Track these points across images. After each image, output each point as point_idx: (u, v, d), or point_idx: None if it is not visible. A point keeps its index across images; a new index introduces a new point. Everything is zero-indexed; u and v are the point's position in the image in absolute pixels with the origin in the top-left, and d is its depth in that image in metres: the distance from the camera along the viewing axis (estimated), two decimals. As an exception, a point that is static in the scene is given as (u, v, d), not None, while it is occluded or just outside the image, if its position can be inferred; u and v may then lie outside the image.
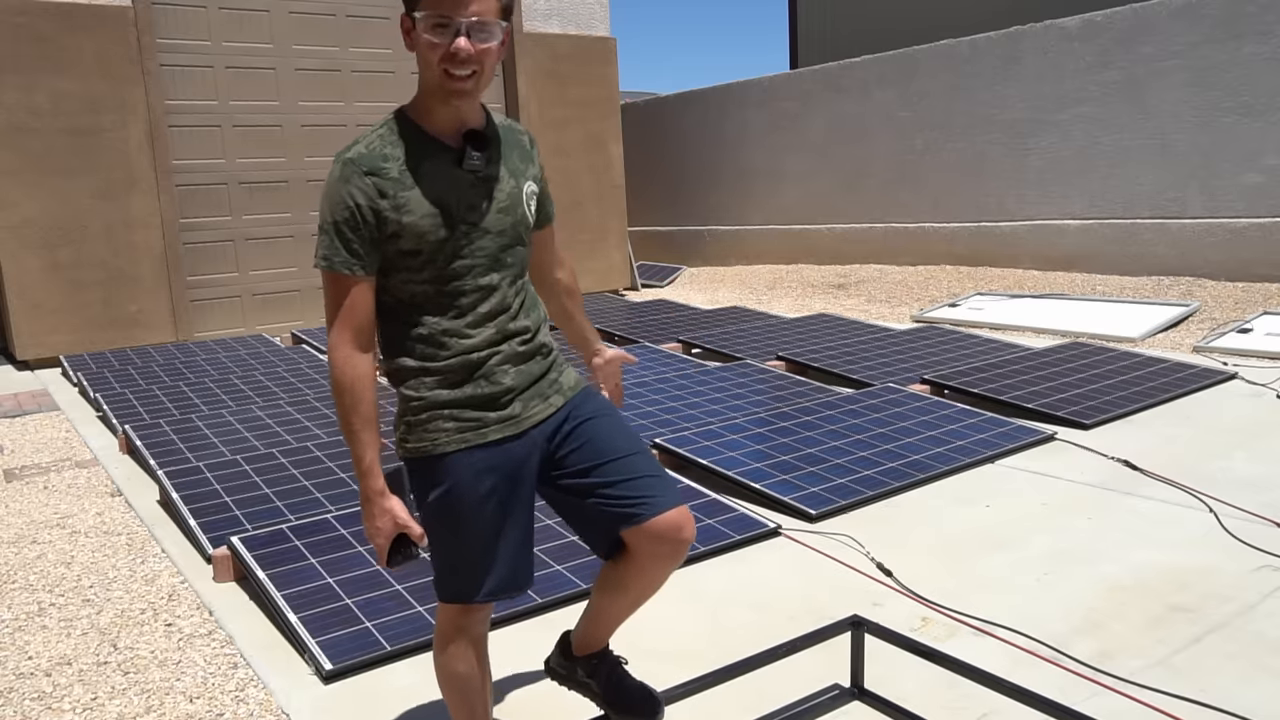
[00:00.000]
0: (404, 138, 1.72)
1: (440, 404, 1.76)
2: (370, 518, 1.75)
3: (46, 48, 7.46)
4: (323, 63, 8.95)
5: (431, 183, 1.71)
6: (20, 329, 7.60)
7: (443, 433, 1.76)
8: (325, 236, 1.69)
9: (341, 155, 1.70)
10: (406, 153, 1.71)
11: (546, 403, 1.86)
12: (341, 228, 1.67)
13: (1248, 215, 8.02)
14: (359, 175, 1.67)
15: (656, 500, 1.84)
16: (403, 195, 1.69)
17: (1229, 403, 5.02)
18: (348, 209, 1.67)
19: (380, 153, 1.70)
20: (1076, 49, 9.04)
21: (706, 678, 2.22)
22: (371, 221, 1.68)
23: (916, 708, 2.31)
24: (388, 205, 1.68)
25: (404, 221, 1.69)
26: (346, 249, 1.68)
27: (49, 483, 4.58)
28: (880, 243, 10.96)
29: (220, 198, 8.53)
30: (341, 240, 1.68)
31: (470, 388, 1.77)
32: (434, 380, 1.77)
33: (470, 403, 1.77)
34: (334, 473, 4.13)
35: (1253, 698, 2.31)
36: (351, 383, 1.71)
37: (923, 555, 3.26)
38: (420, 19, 1.66)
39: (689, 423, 4.87)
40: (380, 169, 1.68)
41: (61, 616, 3.08)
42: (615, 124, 10.83)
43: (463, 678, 1.90)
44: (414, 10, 1.67)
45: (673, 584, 3.10)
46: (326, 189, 1.70)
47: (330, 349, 1.72)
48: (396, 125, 1.74)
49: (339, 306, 1.71)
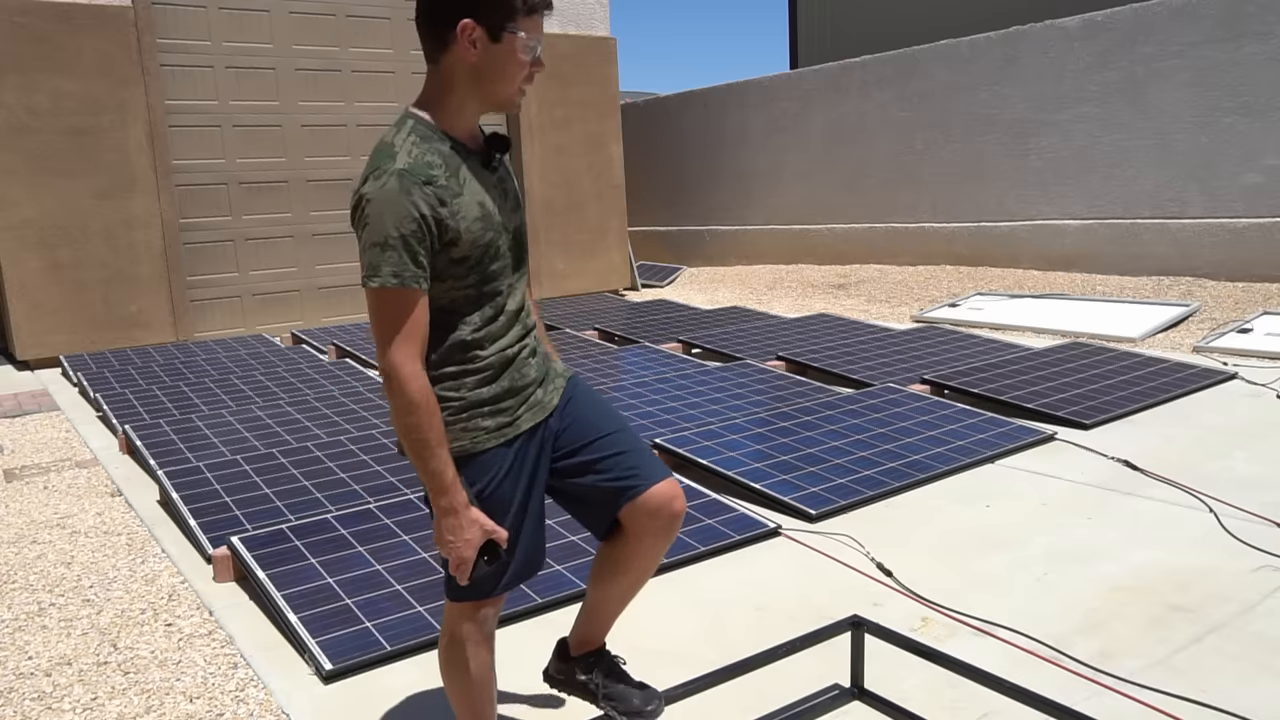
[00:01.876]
0: (438, 144, 1.70)
1: (480, 403, 1.78)
2: (457, 531, 1.71)
3: (46, 48, 7.46)
4: (323, 63, 8.95)
5: (473, 186, 1.72)
6: (20, 329, 7.60)
7: (482, 431, 1.79)
8: (392, 252, 1.60)
9: (389, 168, 1.62)
10: (445, 158, 1.69)
11: (555, 386, 1.94)
12: (410, 240, 1.61)
13: (1248, 215, 8.02)
14: (418, 185, 1.62)
15: (644, 473, 1.90)
16: (457, 202, 1.67)
17: (1229, 403, 5.02)
18: (415, 220, 1.61)
19: (426, 160, 1.66)
20: (1076, 49, 9.04)
21: (706, 678, 2.22)
22: (435, 231, 1.65)
23: (916, 708, 2.31)
24: (447, 213, 1.65)
25: (460, 228, 1.67)
26: (414, 262, 1.62)
27: (49, 483, 4.58)
28: (880, 243, 10.96)
29: (220, 198, 8.53)
30: (409, 254, 1.61)
31: (506, 382, 1.81)
32: (474, 380, 1.78)
33: (506, 397, 1.82)
34: (334, 473, 4.13)
35: (1253, 698, 2.31)
36: (426, 399, 1.66)
37: (923, 555, 3.26)
38: (521, 39, 1.67)
39: (689, 423, 4.87)
40: (433, 177, 1.65)
41: (61, 616, 3.08)
42: (615, 124, 10.83)
43: (474, 677, 1.90)
44: (509, 26, 1.65)
45: (673, 584, 3.10)
46: (382, 203, 1.60)
47: (395, 367, 1.64)
48: (423, 131, 1.70)
49: (403, 322, 1.64)
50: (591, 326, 8.19)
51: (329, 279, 9.23)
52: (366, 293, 1.66)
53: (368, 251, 1.62)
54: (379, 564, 3.13)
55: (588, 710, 2.35)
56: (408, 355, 1.64)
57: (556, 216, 10.46)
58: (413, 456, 1.69)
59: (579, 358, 6.53)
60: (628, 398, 5.29)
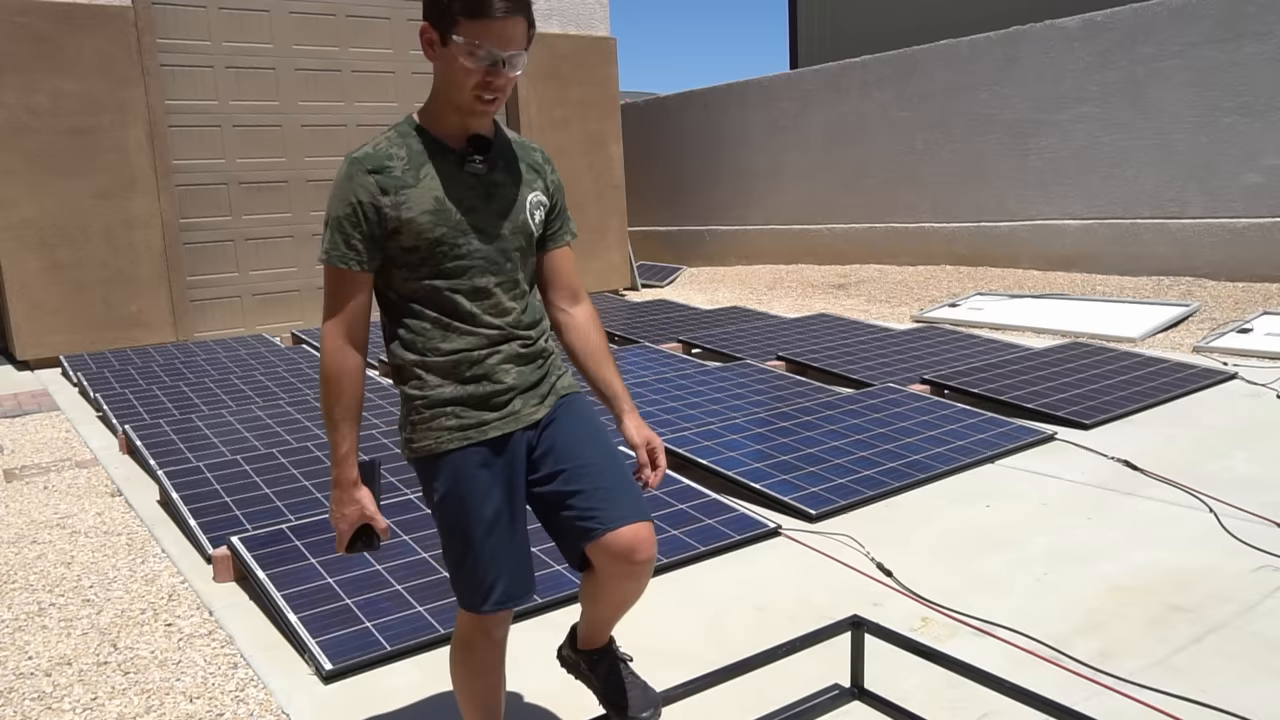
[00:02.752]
0: (410, 140, 1.78)
1: (443, 401, 1.79)
2: (339, 504, 1.80)
3: (46, 48, 7.46)
4: (323, 63, 8.95)
5: (432, 182, 1.76)
6: (20, 329, 7.60)
7: (445, 430, 1.79)
8: (328, 231, 1.75)
9: (350, 155, 1.75)
10: (411, 153, 1.76)
11: (543, 404, 1.87)
12: (343, 223, 1.73)
13: (1248, 215, 8.02)
14: (363, 173, 1.72)
15: (611, 515, 1.78)
16: (404, 193, 1.73)
17: (1229, 403, 5.02)
18: (350, 205, 1.72)
19: (386, 152, 1.75)
20: (1076, 49, 9.04)
21: (706, 678, 2.22)
22: (373, 218, 1.72)
23: (916, 708, 2.31)
24: (389, 202, 1.72)
25: (403, 218, 1.73)
26: (346, 244, 1.73)
27: (49, 483, 4.58)
28: (880, 243, 10.96)
29: (220, 198, 8.53)
30: (342, 235, 1.73)
31: (472, 386, 1.80)
32: (435, 378, 1.79)
33: (471, 400, 1.79)
34: (334, 473, 4.13)
35: (1253, 698, 2.31)
36: (339, 374, 1.75)
37: (923, 555, 3.26)
38: (460, 43, 1.66)
39: (689, 423, 4.87)
40: (384, 167, 1.73)
41: (61, 616, 3.08)
42: (615, 124, 10.83)
43: (482, 683, 1.92)
44: (451, 31, 1.66)
45: (673, 584, 3.10)
46: (333, 187, 1.75)
47: (322, 339, 1.77)
48: (405, 128, 1.80)
49: (335, 299, 1.76)
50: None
51: (329, 279, 9.22)
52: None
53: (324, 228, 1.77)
54: (379, 564, 3.13)
55: (588, 710, 2.36)
56: (333, 331, 1.76)
57: (557, 217, 10.45)
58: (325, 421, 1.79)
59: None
60: (628, 398, 5.28)
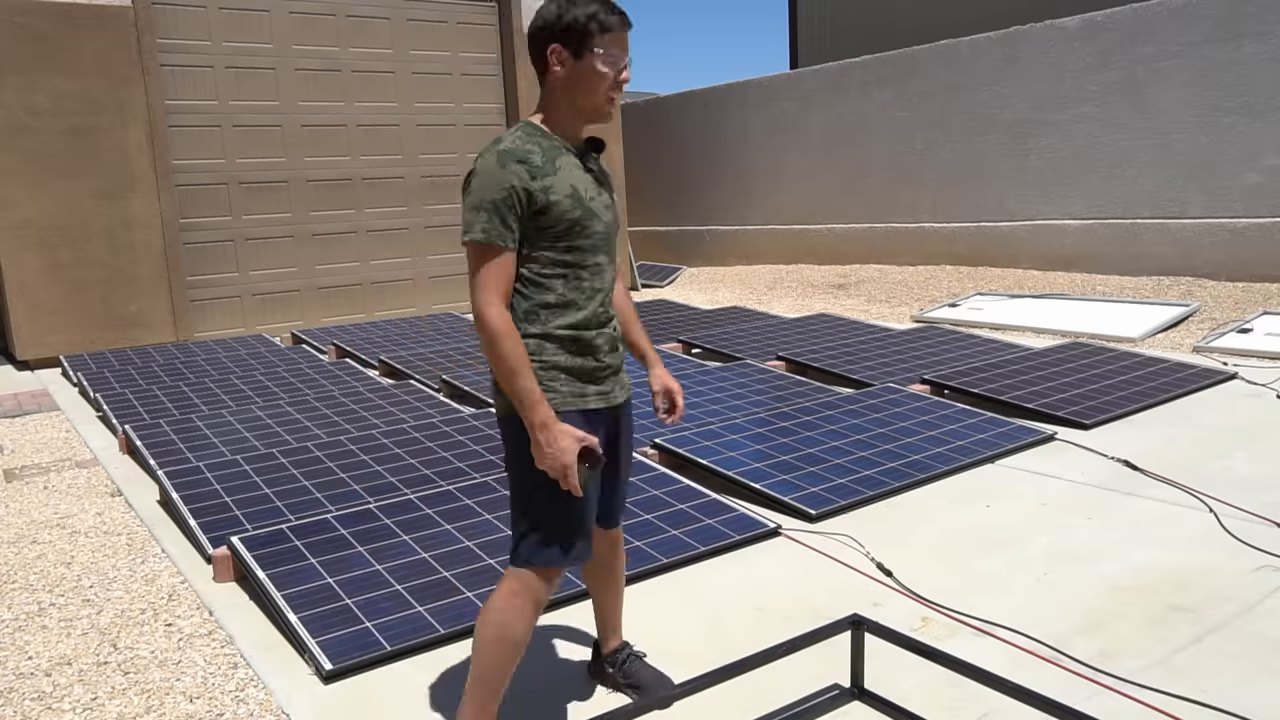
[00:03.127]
0: (540, 139, 2.01)
1: (559, 367, 2.02)
2: (553, 440, 1.91)
3: (46, 48, 7.46)
4: (323, 63, 8.95)
5: (566, 171, 2.01)
6: (20, 329, 7.60)
7: (559, 393, 2.02)
8: (483, 214, 1.93)
9: (492, 148, 1.95)
10: (543, 148, 2.00)
11: (624, 390, 2.19)
12: (500, 206, 1.93)
13: (1248, 215, 8.02)
14: (513, 161, 1.94)
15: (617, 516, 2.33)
16: (548, 179, 1.97)
17: (1229, 403, 5.02)
18: (506, 189, 1.92)
19: (524, 146, 1.97)
20: (1076, 49, 9.04)
21: (706, 677, 2.22)
22: (524, 200, 1.94)
23: (917, 708, 2.31)
24: (538, 186, 1.95)
25: (550, 199, 1.96)
26: (502, 223, 1.93)
27: (49, 483, 4.58)
28: (880, 243, 10.96)
29: (220, 198, 8.53)
30: (499, 216, 1.93)
31: (580, 359, 2.05)
32: (553, 348, 2.02)
33: (579, 371, 2.05)
34: (334, 473, 4.13)
35: (1253, 698, 2.31)
36: (508, 329, 1.92)
37: (923, 555, 3.26)
38: (601, 54, 1.99)
39: (689, 423, 4.87)
40: (528, 157, 1.96)
41: (61, 616, 3.08)
42: (615, 124, 10.83)
43: (518, 641, 2.06)
44: (592, 45, 1.98)
45: (673, 584, 3.10)
46: (483, 174, 1.93)
47: (482, 307, 1.93)
48: (531, 130, 2.02)
49: (491, 273, 1.94)
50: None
51: (329, 279, 9.23)
52: (465, 247, 2.04)
53: (467, 213, 1.95)
54: (379, 564, 3.13)
55: (588, 710, 2.36)
56: (492, 298, 1.93)
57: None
58: (503, 382, 1.93)
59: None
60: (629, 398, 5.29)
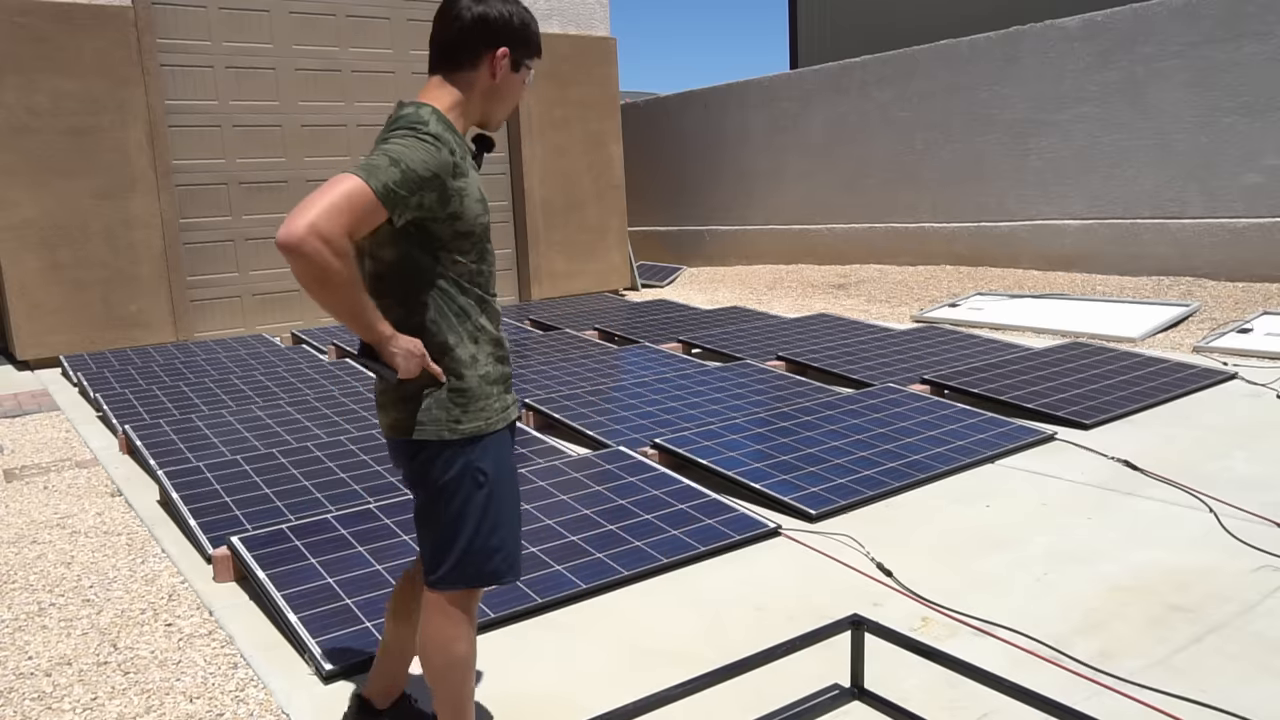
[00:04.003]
0: (454, 134, 1.89)
1: (493, 380, 1.92)
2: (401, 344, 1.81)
3: (46, 48, 7.46)
4: (323, 63, 8.95)
5: (473, 175, 1.92)
6: (20, 329, 7.60)
7: (494, 412, 1.92)
8: (397, 171, 1.73)
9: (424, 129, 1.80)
10: (457, 145, 1.88)
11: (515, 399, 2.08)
12: (415, 181, 1.75)
13: (1248, 215, 8.02)
14: (445, 152, 1.81)
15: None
16: (464, 181, 1.86)
17: (1229, 403, 5.02)
18: (433, 173, 1.78)
19: (451, 138, 1.85)
20: (1076, 49, 9.04)
21: (705, 677, 2.22)
22: (438, 194, 1.80)
23: (917, 708, 2.31)
24: (455, 187, 1.83)
25: (465, 204, 1.85)
26: (405, 198, 1.75)
27: (49, 483, 4.58)
28: (880, 243, 10.96)
29: (220, 198, 8.53)
30: (406, 188, 1.75)
31: (505, 366, 1.97)
32: (485, 357, 1.91)
33: (504, 379, 1.96)
34: (334, 473, 4.13)
35: (1253, 698, 2.31)
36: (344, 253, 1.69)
37: (923, 555, 3.26)
38: (527, 70, 1.97)
39: (689, 423, 4.87)
40: (455, 151, 1.84)
41: (61, 616, 3.08)
42: (615, 124, 10.83)
43: (463, 660, 1.98)
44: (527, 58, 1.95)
45: (673, 584, 3.10)
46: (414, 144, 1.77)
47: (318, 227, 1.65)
48: (445, 122, 1.87)
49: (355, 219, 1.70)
50: (591, 326, 8.19)
51: (329, 279, 9.21)
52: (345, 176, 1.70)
53: (381, 159, 1.74)
54: (379, 564, 3.13)
55: (587, 710, 2.36)
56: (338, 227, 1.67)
57: (556, 216, 10.45)
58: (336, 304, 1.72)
59: (579, 358, 6.53)
60: (628, 398, 5.29)
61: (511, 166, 10.27)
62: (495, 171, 10.20)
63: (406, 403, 1.87)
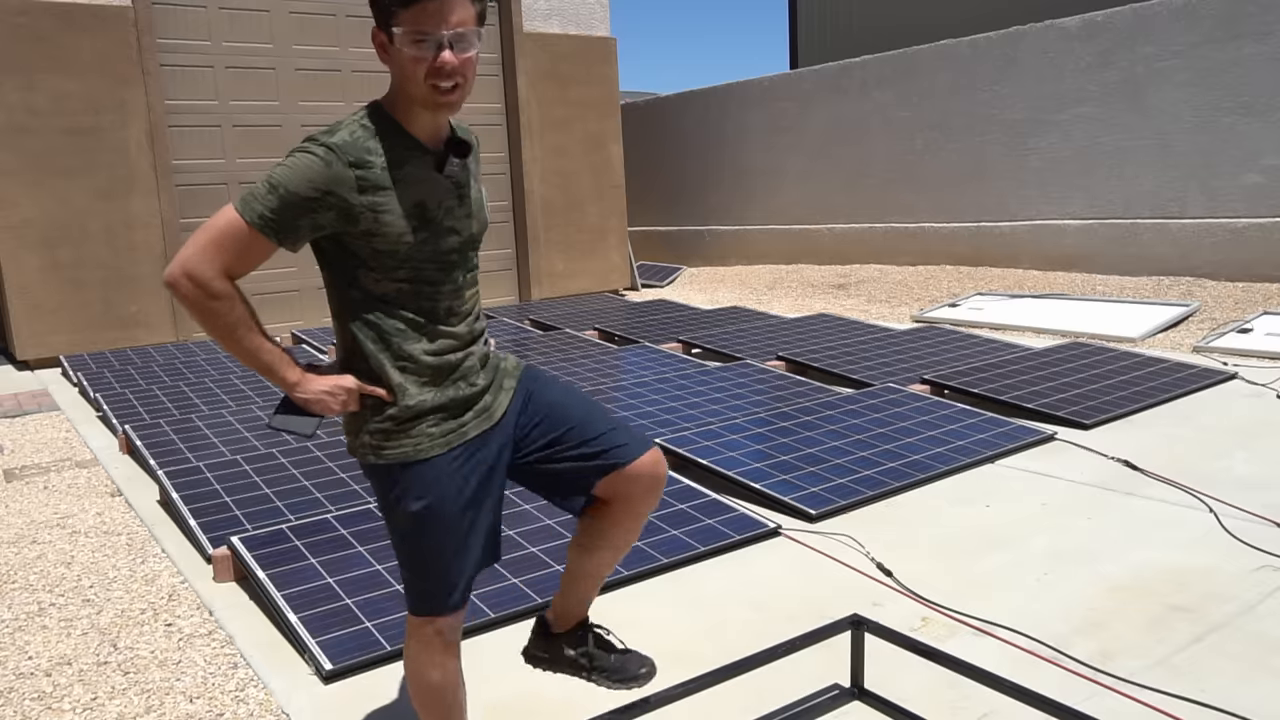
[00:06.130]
0: (385, 135, 1.69)
1: (426, 410, 1.75)
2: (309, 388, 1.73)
3: (46, 48, 7.46)
4: (323, 63, 8.95)
5: (411, 186, 1.70)
6: (20, 329, 7.60)
7: (426, 437, 1.76)
8: (274, 198, 1.61)
9: (323, 138, 1.63)
10: (388, 151, 1.68)
11: (505, 391, 1.90)
12: (298, 203, 1.61)
13: (1248, 215, 8.02)
14: (344, 164, 1.62)
15: (630, 447, 1.90)
16: (383, 194, 1.65)
17: (1229, 403, 5.02)
18: (317, 192, 1.61)
19: (365, 145, 1.66)
20: (1076, 49, 9.04)
21: (706, 677, 2.22)
22: (336, 214, 1.64)
23: (917, 708, 2.31)
24: (364, 202, 1.64)
25: (381, 221, 1.66)
26: (290, 225, 1.63)
27: (49, 483, 4.58)
28: (880, 243, 10.96)
29: (220, 198, 8.52)
30: (289, 212, 1.61)
31: (451, 390, 1.78)
32: (416, 386, 1.75)
33: (452, 405, 1.78)
34: (334, 473, 4.13)
35: (1253, 698, 2.31)
36: (227, 293, 1.62)
37: (923, 555, 3.26)
38: (400, 35, 1.63)
39: (689, 423, 4.87)
40: (365, 163, 1.64)
41: (61, 616, 3.08)
42: (615, 124, 10.83)
43: (437, 687, 1.87)
44: (391, 25, 1.64)
45: (673, 584, 3.10)
46: (299, 163, 1.61)
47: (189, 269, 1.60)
48: (377, 121, 1.69)
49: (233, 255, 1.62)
50: (591, 326, 8.19)
51: (329, 279, 9.22)
52: (225, 208, 1.63)
53: (261, 186, 1.61)
54: (379, 564, 3.13)
55: (586, 710, 2.35)
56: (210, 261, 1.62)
57: (556, 216, 10.46)
58: (231, 344, 1.66)
59: (579, 358, 6.53)
60: (628, 398, 5.29)
61: (511, 166, 10.27)
62: (495, 172, 10.20)
63: (352, 420, 1.81)
